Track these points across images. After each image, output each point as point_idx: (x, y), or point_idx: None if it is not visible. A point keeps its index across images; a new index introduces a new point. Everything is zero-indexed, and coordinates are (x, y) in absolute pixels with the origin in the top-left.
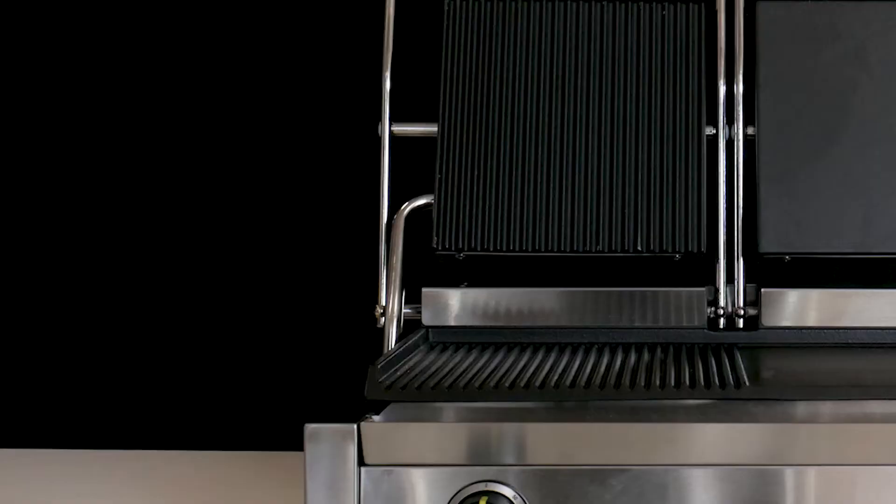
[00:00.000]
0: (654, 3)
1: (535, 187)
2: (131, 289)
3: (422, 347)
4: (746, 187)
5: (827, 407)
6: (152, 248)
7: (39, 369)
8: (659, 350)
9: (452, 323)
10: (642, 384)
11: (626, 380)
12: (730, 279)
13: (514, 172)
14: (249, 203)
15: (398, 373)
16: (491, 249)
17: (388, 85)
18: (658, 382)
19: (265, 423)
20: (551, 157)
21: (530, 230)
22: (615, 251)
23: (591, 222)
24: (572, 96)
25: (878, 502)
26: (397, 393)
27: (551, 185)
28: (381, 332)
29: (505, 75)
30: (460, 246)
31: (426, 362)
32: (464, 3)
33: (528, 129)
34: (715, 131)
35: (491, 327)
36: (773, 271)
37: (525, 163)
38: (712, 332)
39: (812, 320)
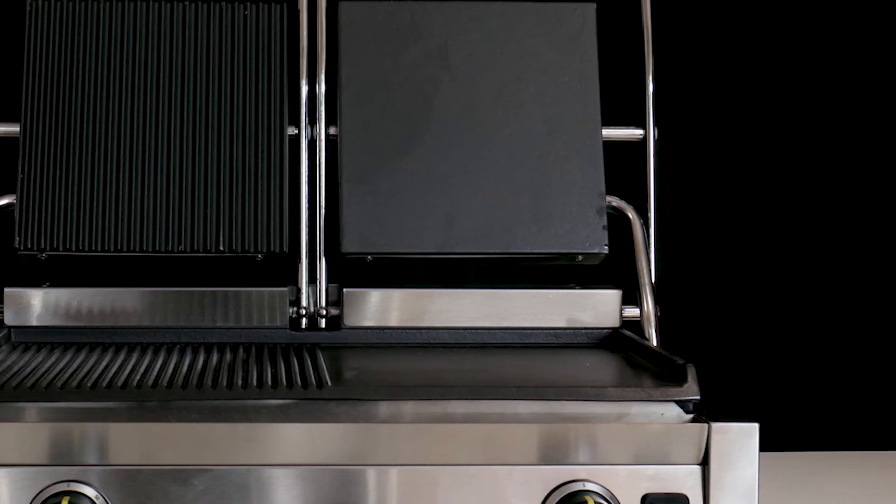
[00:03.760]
0: (237, 3)
1: (117, 187)
2: None
3: (4, 347)
4: (329, 187)
5: (409, 407)
6: None
7: None
8: (241, 350)
9: (35, 323)
10: (224, 384)
11: (209, 380)
12: (312, 279)
13: (96, 172)
14: None
15: None
16: (73, 249)
17: None
18: (240, 382)
19: None
20: (134, 156)
21: (113, 230)
22: (197, 251)
23: (173, 222)
24: (155, 96)
25: (459, 501)
26: None
27: (134, 185)
28: None
29: (88, 75)
30: (43, 246)
31: (8, 362)
32: (46, 2)
33: (111, 129)
34: (297, 131)
35: (73, 327)
36: (356, 271)
37: (107, 163)
38: (295, 332)
39: (394, 320)
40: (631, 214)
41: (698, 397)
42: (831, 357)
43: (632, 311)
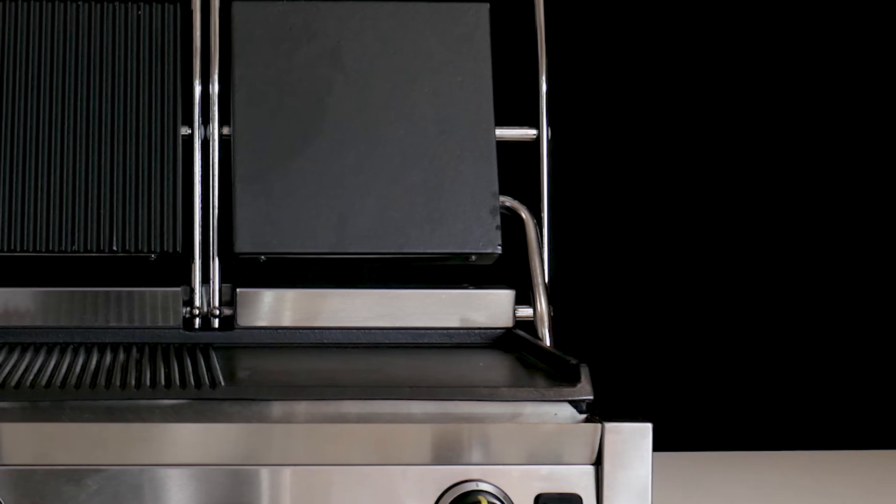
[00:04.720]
0: (130, 3)
1: (10, 186)
2: None
3: None
4: (222, 187)
5: (302, 407)
6: None
7: None
8: (135, 350)
9: None
10: (118, 384)
11: (102, 380)
12: (206, 279)
13: None
14: None
15: None
16: None
17: None
18: (133, 382)
19: None
20: (26, 156)
21: (6, 230)
22: (91, 251)
23: (66, 222)
24: (47, 96)
25: (353, 501)
26: None
27: (26, 185)
28: None
29: None
30: None
31: None
32: None
33: (2, 129)
34: (190, 131)
35: None
36: (250, 271)
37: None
38: (188, 332)
39: (288, 320)
40: (524, 214)
41: (591, 397)
42: (724, 356)
43: (525, 311)
